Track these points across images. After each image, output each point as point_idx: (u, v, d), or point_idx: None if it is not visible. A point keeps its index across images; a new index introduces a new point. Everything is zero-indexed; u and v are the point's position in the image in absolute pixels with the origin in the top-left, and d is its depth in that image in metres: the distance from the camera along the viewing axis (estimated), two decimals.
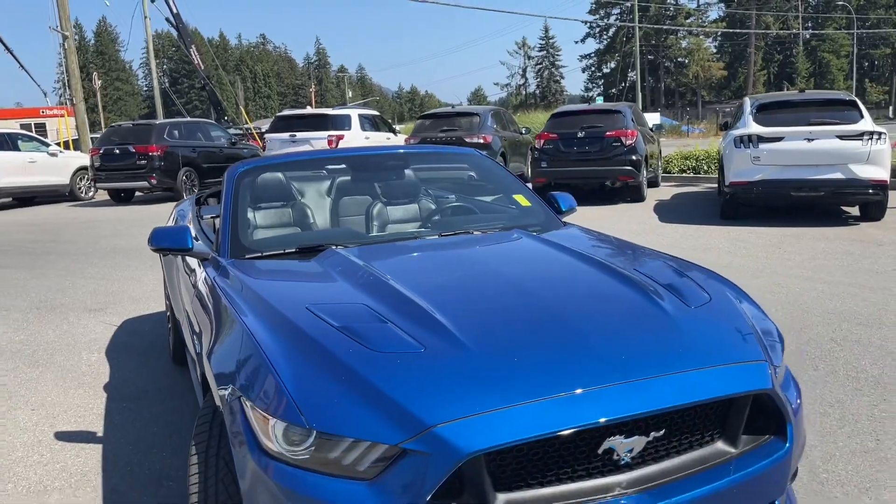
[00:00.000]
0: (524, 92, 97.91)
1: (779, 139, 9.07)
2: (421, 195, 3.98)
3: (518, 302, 2.43)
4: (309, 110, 18.07)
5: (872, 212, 9.35)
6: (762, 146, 9.13)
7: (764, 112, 9.69)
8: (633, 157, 11.83)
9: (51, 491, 3.26)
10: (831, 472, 3.13)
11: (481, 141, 13.84)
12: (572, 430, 1.89)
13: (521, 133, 16.03)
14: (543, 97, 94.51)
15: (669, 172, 15.74)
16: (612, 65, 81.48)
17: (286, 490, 1.92)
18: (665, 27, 71.39)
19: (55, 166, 16.50)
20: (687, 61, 77.36)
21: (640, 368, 2.05)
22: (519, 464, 1.93)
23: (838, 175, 8.87)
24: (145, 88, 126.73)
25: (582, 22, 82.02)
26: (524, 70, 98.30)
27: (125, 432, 3.86)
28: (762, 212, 10.29)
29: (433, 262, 3.00)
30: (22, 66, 22.46)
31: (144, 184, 15.14)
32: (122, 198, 16.25)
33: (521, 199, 3.79)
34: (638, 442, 1.99)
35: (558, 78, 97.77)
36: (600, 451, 1.96)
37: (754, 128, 9.34)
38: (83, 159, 17.02)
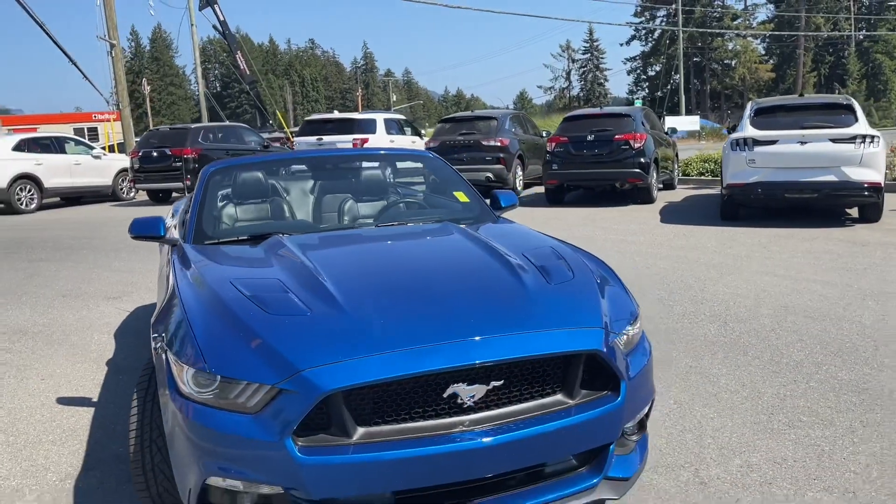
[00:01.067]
0: (568, 95, 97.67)
1: (773, 142, 9.31)
2: (387, 192, 4.46)
3: (403, 277, 2.91)
4: (336, 114, 18.73)
5: (869, 213, 9.50)
6: (757, 149, 9.37)
7: (762, 116, 9.92)
8: (642, 160, 12.10)
9: (44, 443, 3.82)
10: (717, 438, 3.51)
11: (498, 144, 14.24)
12: (415, 376, 2.34)
13: (542, 136, 16.37)
14: (587, 100, 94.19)
15: (688, 175, 15.92)
16: (658, 67, 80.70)
17: (191, 422, 2.41)
18: (709, 31, 70.54)
19: (98, 168, 17.46)
20: (734, 63, 76.41)
21: (481, 329, 2.49)
22: (376, 403, 2.38)
23: (831, 177, 9.06)
24: (197, 93, 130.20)
25: (627, 24, 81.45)
26: (568, 73, 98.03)
27: (116, 398, 4.42)
28: (764, 213, 10.50)
29: (353, 248, 3.49)
30: (85, 76, 23.52)
31: (180, 184, 15.94)
32: (159, 198, 17.11)
33: (461, 196, 4.25)
34: (479, 389, 2.42)
35: (602, 81, 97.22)
36: (445, 396, 2.40)
37: (750, 131, 9.59)
38: (124, 161, 17.94)
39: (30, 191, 15.95)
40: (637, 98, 69.55)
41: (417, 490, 2.39)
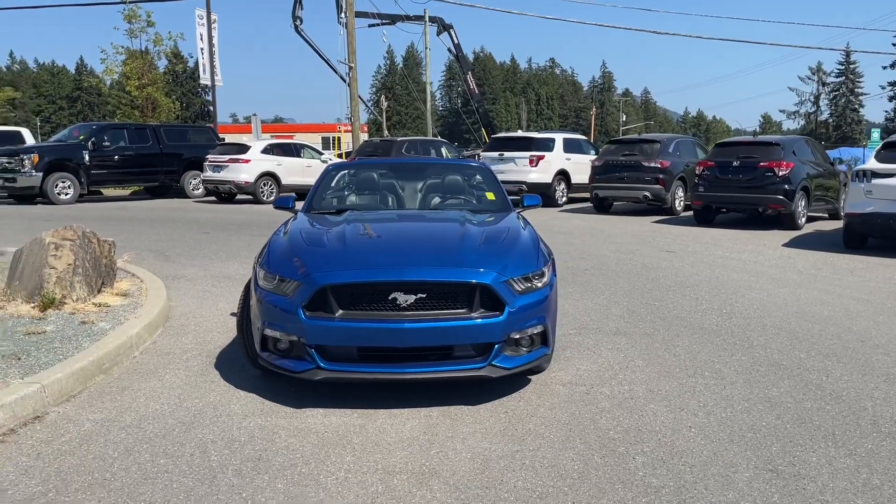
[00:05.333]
0: (815, 120, 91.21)
1: (891, 175, 9.68)
2: (439, 188, 6.24)
3: (394, 236, 4.78)
4: (519, 133, 20.61)
5: None
6: (874, 181, 9.80)
7: (890, 149, 10.24)
8: (786, 187, 12.60)
9: (213, 332, 6.11)
10: (626, 375, 4.88)
11: (658, 165, 15.27)
12: (370, 283, 4.17)
13: None
14: (837, 126, 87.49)
15: None
16: None
17: (261, 301, 4.43)
18: None
19: None
20: None
21: (416, 262, 4.27)
22: (351, 297, 4.23)
23: None
24: (441, 108, 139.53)
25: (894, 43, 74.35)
26: (817, 97, 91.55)
27: None
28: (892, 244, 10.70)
29: (384, 220, 5.36)
30: (360, 97, 27.92)
31: None
32: None
33: (490, 196, 5.98)
34: (410, 297, 4.17)
35: (857, 106, 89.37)
36: (389, 298, 4.19)
37: (871, 164, 10.02)
38: None
39: (270, 186, 19.66)
40: (875, 128, 63.49)
41: (370, 349, 4.21)
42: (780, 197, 12.65)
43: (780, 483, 3.36)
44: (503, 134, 21.26)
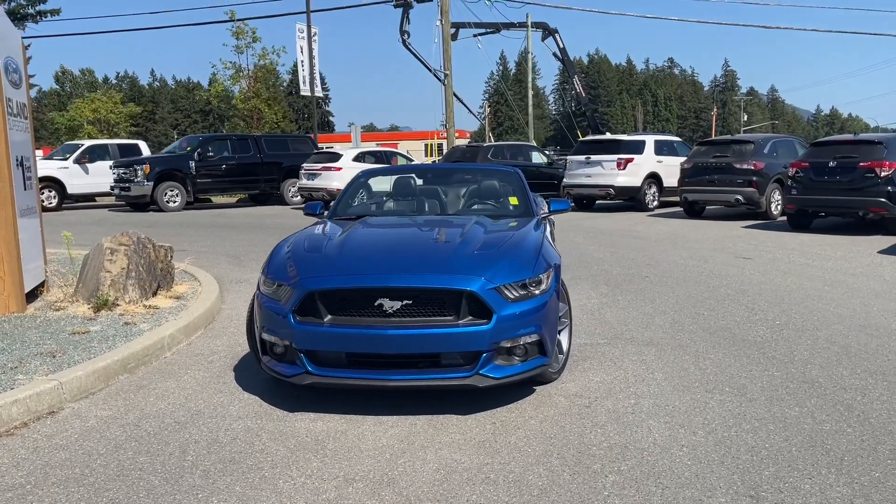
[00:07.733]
0: None
1: None
2: (463, 194, 6.17)
3: (391, 242, 4.75)
4: (607, 136, 20.08)
5: None
6: None
7: None
8: (889, 189, 11.60)
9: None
10: (636, 388, 4.64)
11: (751, 167, 14.45)
12: (356, 288, 4.17)
13: None
14: None
15: None
16: None
17: (260, 306, 4.52)
18: None
19: None
20: None
21: (403, 269, 4.23)
22: (339, 303, 4.25)
23: None
24: (554, 112, 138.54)
25: None
26: None
27: None
28: None
29: (392, 226, 5.33)
30: (469, 109, 28.42)
31: None
32: None
33: (514, 200, 5.84)
34: (396, 304, 4.14)
35: None
36: (376, 304, 4.17)
37: None
38: None
39: None
40: None
41: (358, 355, 4.20)
42: (883, 200, 11.67)
43: None
44: (590, 137, 20.79)
